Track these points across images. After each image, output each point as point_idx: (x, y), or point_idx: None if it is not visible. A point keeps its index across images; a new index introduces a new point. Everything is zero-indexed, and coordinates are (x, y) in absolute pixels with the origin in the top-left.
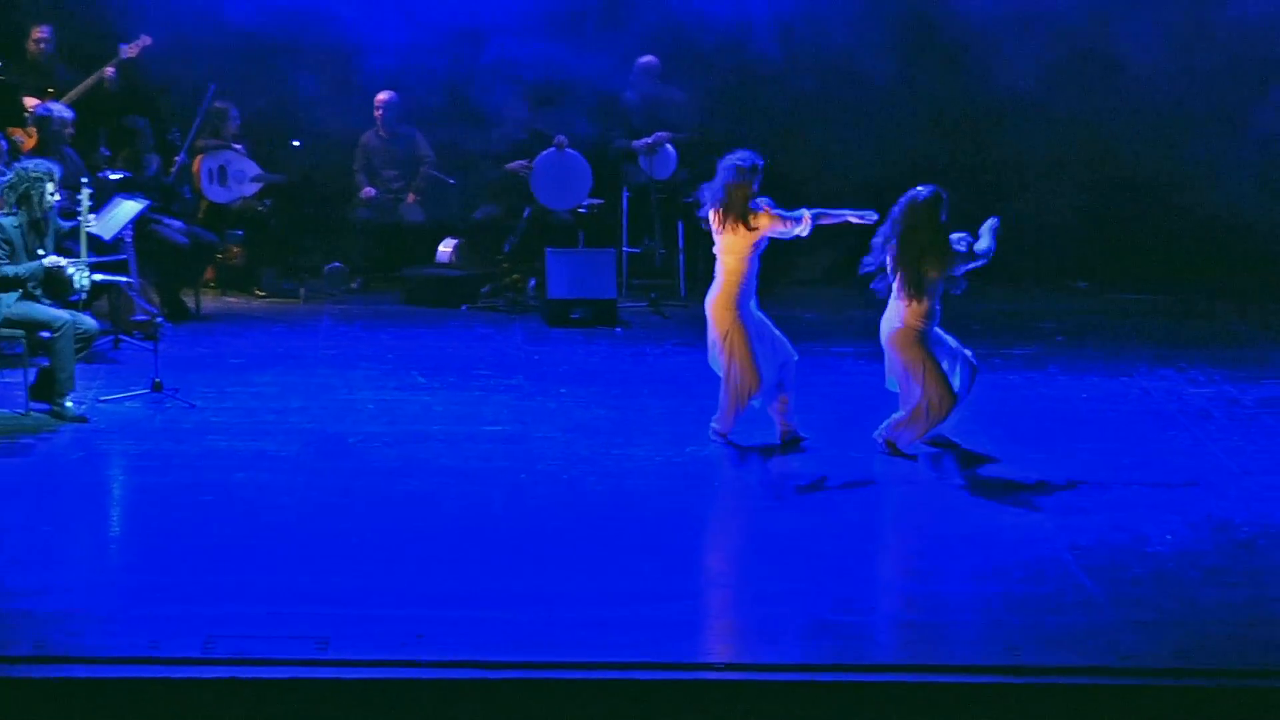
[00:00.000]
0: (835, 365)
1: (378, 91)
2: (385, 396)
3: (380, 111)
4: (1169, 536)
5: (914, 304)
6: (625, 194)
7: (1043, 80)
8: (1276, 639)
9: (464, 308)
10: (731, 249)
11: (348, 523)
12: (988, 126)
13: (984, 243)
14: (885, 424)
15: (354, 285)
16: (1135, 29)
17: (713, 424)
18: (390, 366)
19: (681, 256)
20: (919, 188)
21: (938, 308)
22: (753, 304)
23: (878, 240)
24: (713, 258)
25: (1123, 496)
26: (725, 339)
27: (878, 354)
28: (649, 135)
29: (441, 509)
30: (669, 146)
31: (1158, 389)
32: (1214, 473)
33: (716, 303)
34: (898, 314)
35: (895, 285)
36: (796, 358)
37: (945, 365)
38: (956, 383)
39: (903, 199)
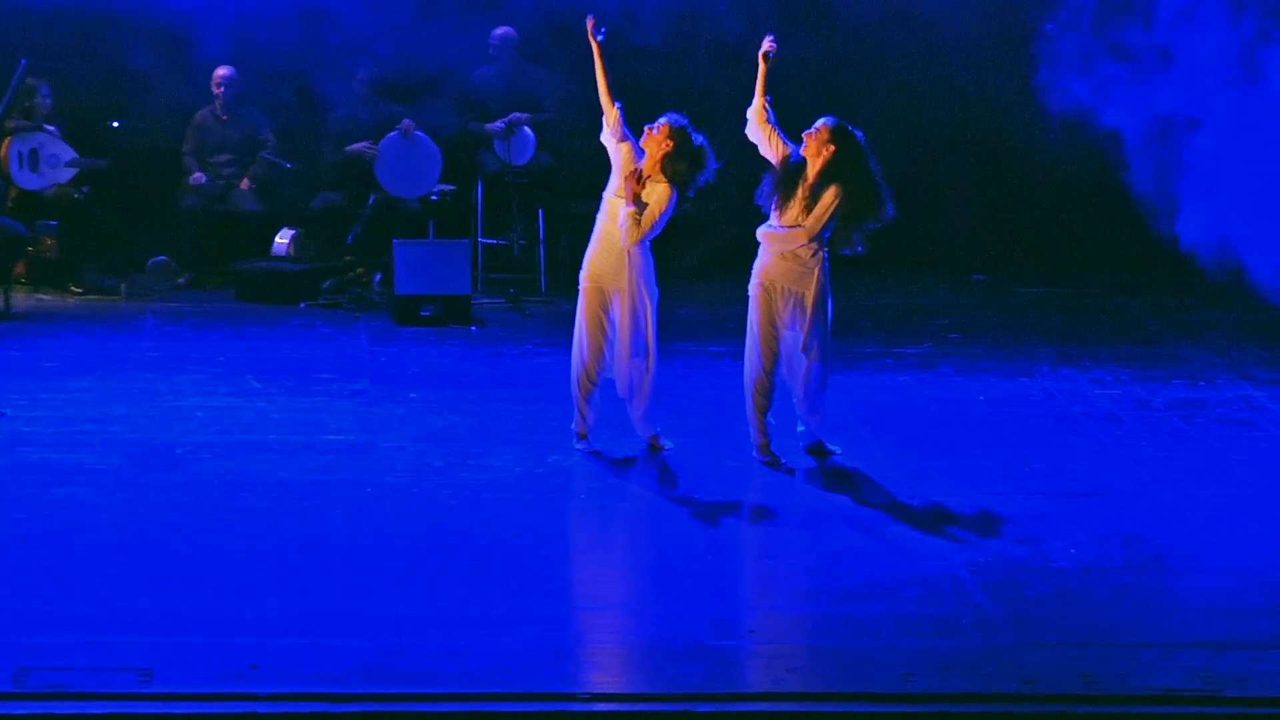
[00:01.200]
0: (712, 366)
1: (214, 68)
2: (216, 403)
3: (221, 89)
4: (1073, 551)
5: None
6: (480, 180)
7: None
8: (1191, 661)
9: (303, 305)
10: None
11: (174, 542)
12: (876, 98)
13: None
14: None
15: (181, 281)
16: None
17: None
18: (221, 370)
19: (542, 248)
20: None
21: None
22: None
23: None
24: (578, 249)
25: (1023, 508)
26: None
27: None
28: (505, 115)
29: (278, 527)
30: (526, 128)
31: (1061, 390)
32: (1122, 481)
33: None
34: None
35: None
36: (642, 366)
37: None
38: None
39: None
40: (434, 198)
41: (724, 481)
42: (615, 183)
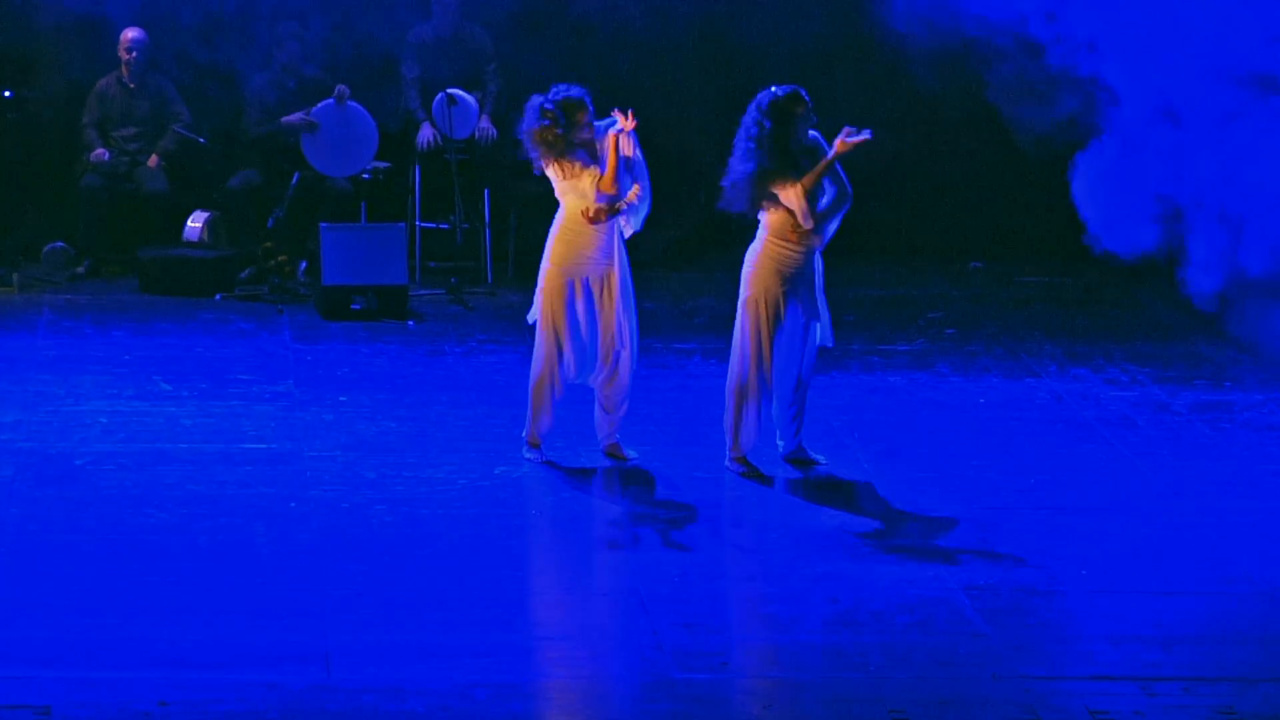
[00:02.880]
0: (678, 365)
1: (122, 29)
2: (120, 408)
3: (131, 54)
4: (1084, 573)
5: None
6: (417, 158)
7: None
8: (1215, 698)
9: (218, 297)
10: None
11: (73, 564)
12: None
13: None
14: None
15: (80, 270)
16: None
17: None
18: (126, 371)
19: (488, 233)
20: (773, 87)
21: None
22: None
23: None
24: (527, 234)
25: (1028, 525)
26: (541, 299)
27: (729, 352)
28: (440, 85)
29: (191, 547)
30: (469, 97)
31: (1070, 392)
32: (1138, 494)
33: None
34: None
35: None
36: (630, 359)
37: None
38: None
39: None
40: (365, 176)
41: (694, 495)
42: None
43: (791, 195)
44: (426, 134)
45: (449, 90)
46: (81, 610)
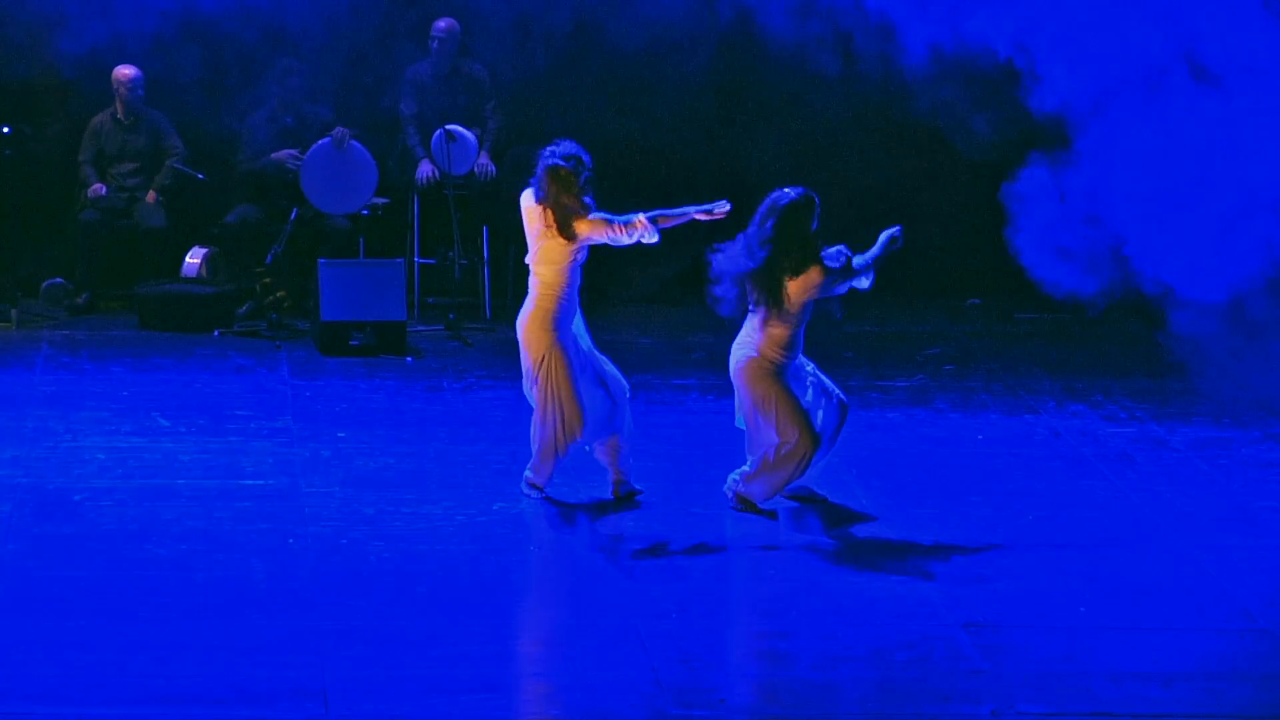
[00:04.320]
0: (676, 401)
1: (114, 66)
2: (118, 444)
3: (125, 89)
4: (1083, 609)
5: (773, 330)
6: (416, 194)
7: None
8: None
9: (217, 333)
10: (547, 258)
11: (71, 600)
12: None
13: (870, 253)
14: (735, 475)
15: (80, 302)
16: None
17: (526, 473)
18: (124, 406)
19: (486, 269)
20: (784, 189)
21: (800, 336)
22: (577, 324)
23: (724, 260)
24: (525, 269)
25: (1027, 560)
26: (540, 367)
27: (728, 387)
28: (442, 120)
29: (189, 582)
30: (468, 134)
31: (1069, 428)
32: (1137, 531)
33: (529, 323)
34: (751, 341)
35: (751, 306)
36: (630, 393)
37: (808, 399)
38: (819, 422)
39: (764, 203)
40: (364, 213)
41: (693, 531)
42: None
43: (814, 277)
44: (425, 170)
45: (448, 126)
46: (79, 646)
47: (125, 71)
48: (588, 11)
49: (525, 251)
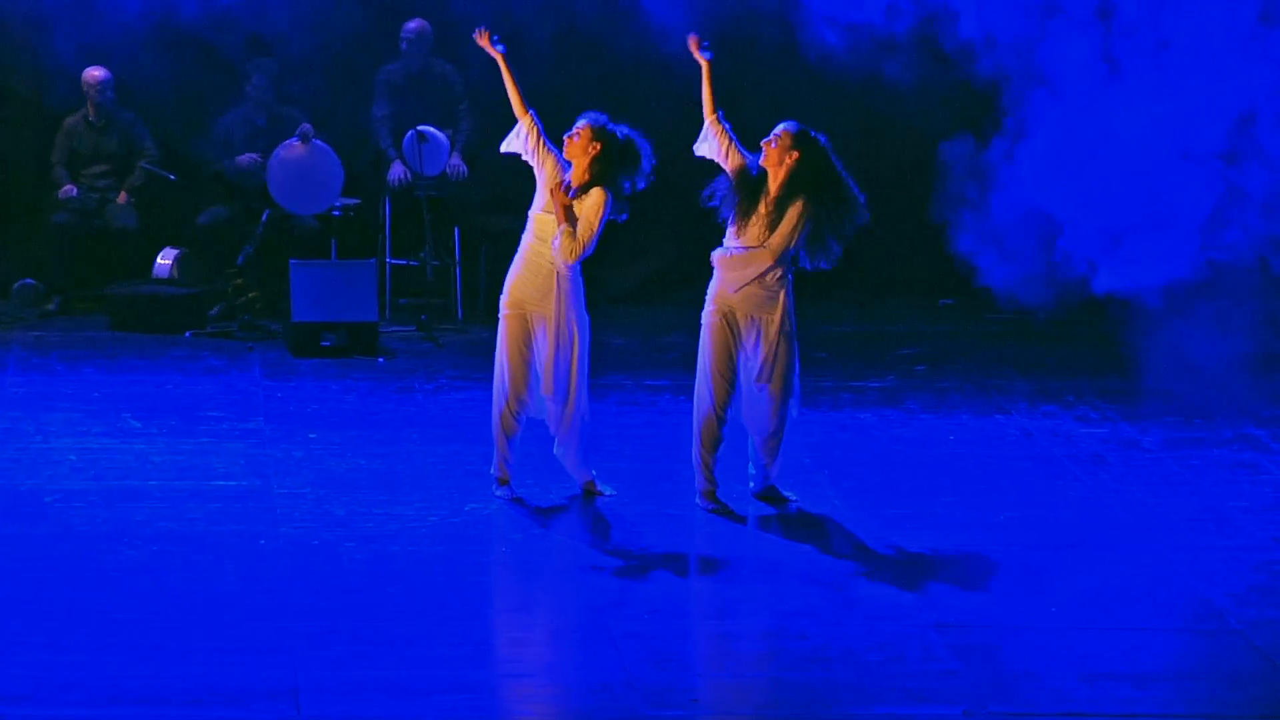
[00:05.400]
0: (649, 402)
1: (85, 67)
2: (90, 445)
3: (95, 92)
4: (1055, 610)
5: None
6: (387, 195)
7: None
8: None
9: (188, 334)
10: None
11: (42, 601)
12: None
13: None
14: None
15: (50, 307)
16: None
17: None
18: (96, 408)
19: (458, 270)
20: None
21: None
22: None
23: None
24: (497, 270)
25: (999, 561)
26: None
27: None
28: (414, 121)
29: (160, 584)
30: (440, 135)
31: (1040, 429)
32: (1109, 531)
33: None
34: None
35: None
36: (555, 405)
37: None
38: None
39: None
40: (335, 213)
41: (664, 532)
42: (542, 199)
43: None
44: (397, 171)
45: (419, 128)
46: (50, 648)
47: (95, 73)
48: (578, 18)
49: (496, 252)
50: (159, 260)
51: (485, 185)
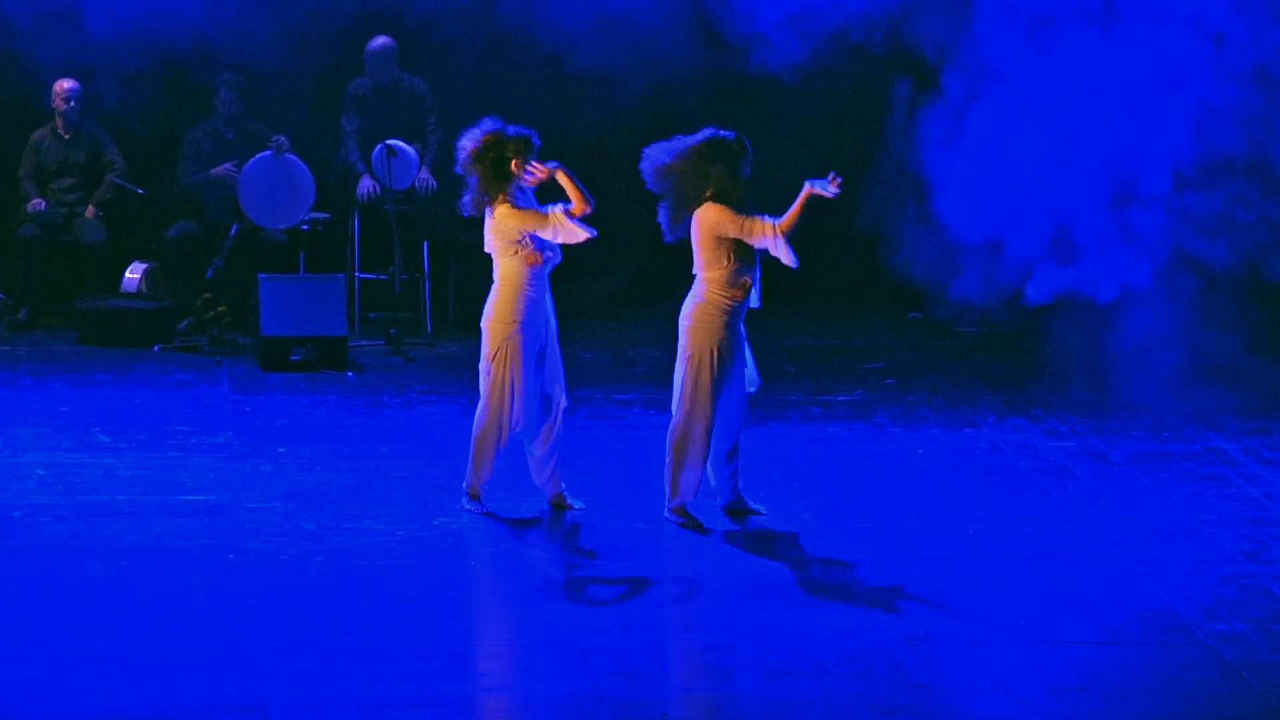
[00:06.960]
0: (618, 416)
1: (56, 79)
2: (58, 459)
3: (66, 103)
4: (1024, 623)
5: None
6: (356, 209)
7: None
8: None
9: (156, 348)
10: (492, 245)
11: (9, 616)
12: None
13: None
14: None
15: (20, 317)
16: None
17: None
18: (64, 422)
19: (427, 284)
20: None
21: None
22: (545, 320)
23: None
24: (465, 283)
25: (968, 574)
26: (494, 358)
27: (669, 402)
28: (384, 135)
29: (128, 599)
30: (409, 149)
31: (1009, 443)
32: (1077, 545)
33: (491, 313)
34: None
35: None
36: (568, 404)
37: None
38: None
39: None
40: (304, 227)
41: (633, 546)
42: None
43: (764, 231)
44: (366, 185)
45: (388, 141)
46: (18, 662)
47: (63, 84)
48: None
49: (465, 267)
50: (127, 274)
51: (454, 199)
